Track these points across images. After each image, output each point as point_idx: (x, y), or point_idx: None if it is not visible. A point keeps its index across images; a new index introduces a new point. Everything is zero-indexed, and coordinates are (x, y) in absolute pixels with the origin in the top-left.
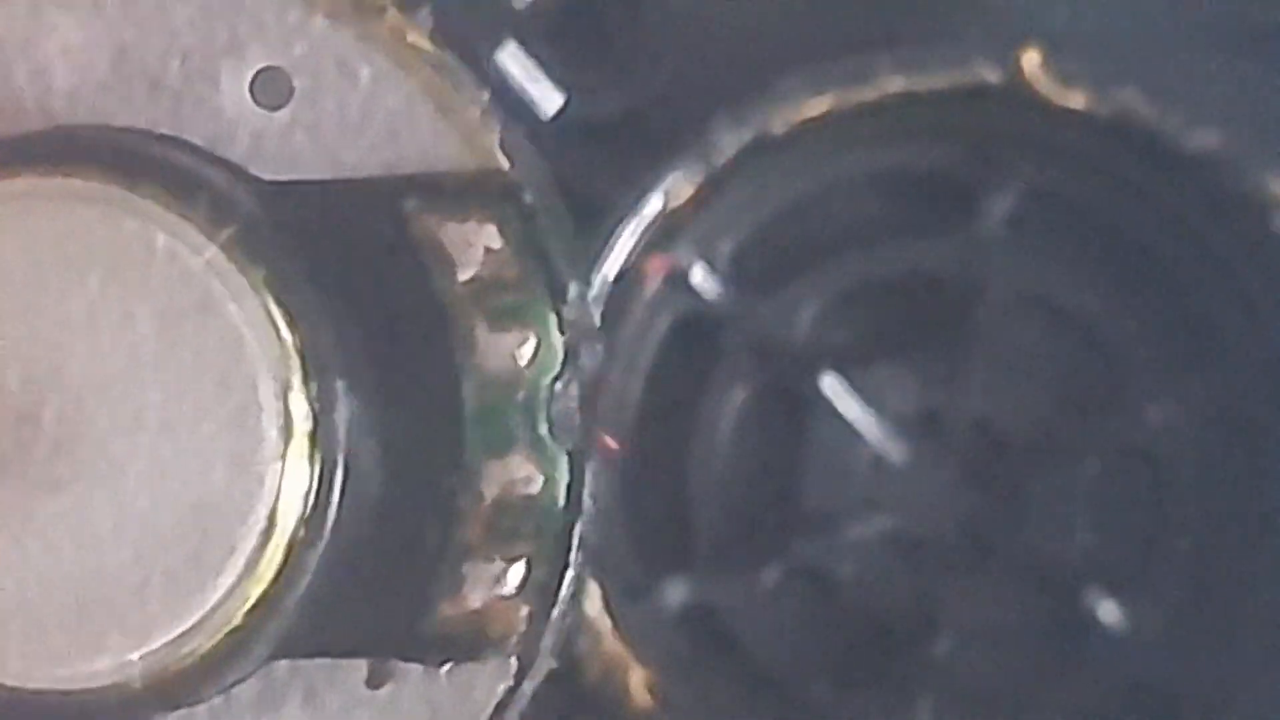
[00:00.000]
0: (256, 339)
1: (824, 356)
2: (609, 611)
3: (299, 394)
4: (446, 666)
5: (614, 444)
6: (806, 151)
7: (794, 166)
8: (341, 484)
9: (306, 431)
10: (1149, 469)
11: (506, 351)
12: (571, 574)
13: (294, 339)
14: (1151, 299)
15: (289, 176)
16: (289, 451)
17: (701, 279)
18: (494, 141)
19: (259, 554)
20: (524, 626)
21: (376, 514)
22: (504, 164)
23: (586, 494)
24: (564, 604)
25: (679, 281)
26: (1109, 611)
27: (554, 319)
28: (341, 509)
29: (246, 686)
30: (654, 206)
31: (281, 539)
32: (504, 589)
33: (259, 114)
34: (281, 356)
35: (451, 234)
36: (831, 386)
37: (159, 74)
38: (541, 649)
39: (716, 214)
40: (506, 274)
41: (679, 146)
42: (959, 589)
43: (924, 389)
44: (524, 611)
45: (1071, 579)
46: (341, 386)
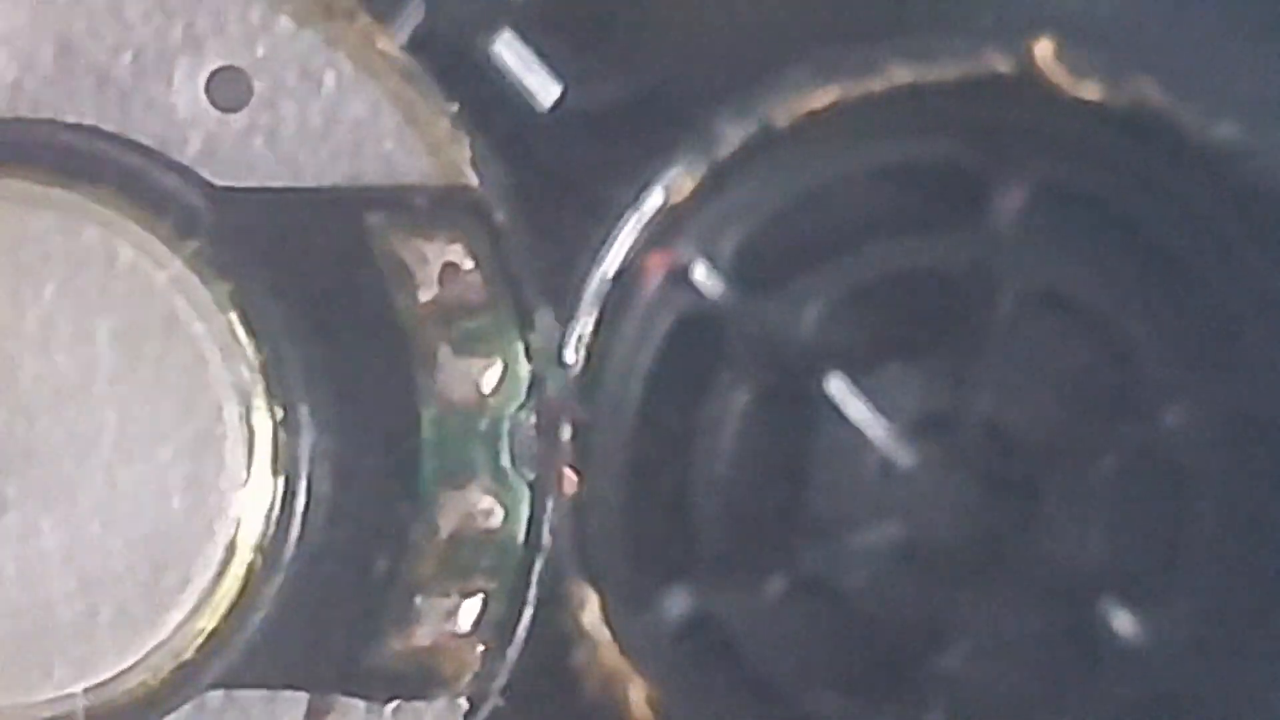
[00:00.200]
0: (221, 359)
1: (830, 357)
2: (608, 623)
3: (264, 417)
4: (393, 704)
5: (575, 480)
6: (812, 144)
7: (799, 160)
8: (302, 513)
9: (269, 458)
10: (1166, 473)
11: (470, 378)
12: (530, 612)
13: (259, 360)
14: (1169, 296)
15: (243, 183)
16: (250, 479)
17: (703, 276)
18: (464, 156)
19: (215, 586)
20: (478, 665)
21: (324, 542)
22: (473, 180)
23: (546, 529)
24: (520, 644)
25: (680, 279)
26: (1124, 622)
27: (521, 346)
28: (301, 539)
29: (175, 717)
30: (654, 201)
31: (239, 570)
32: (458, 625)
33: (214, 115)
34: (247, 379)
35: (414, 251)
36: (838, 388)
37: (108, 68)
38: (493, 690)
39: (719, 209)
40: (472, 297)
41: (680, 139)
42: (969, 599)
43: (933, 390)
44: (478, 650)
45: (1086, 588)
46: (305, 410)
